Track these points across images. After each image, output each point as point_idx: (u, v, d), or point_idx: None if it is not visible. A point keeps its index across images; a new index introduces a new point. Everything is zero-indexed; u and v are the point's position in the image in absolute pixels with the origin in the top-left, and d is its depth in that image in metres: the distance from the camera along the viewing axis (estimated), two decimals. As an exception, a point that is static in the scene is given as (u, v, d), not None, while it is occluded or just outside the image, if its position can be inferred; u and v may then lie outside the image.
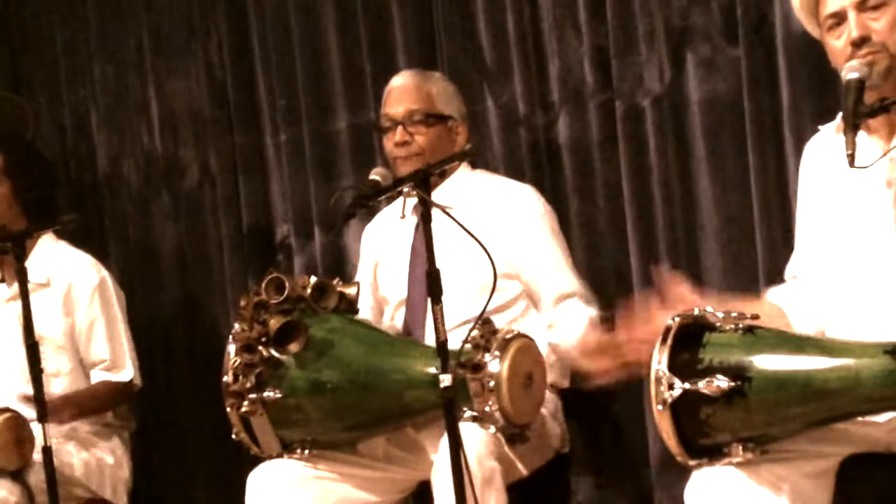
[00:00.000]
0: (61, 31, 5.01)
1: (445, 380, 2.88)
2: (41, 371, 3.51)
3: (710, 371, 2.61)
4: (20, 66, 5.15)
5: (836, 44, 2.81)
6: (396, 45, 4.17)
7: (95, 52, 4.92)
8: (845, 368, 2.56)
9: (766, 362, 2.61)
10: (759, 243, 3.53)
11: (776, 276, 3.25)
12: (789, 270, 3.10)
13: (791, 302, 3.00)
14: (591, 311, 3.54)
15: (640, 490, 3.79)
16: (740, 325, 2.67)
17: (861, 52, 2.74)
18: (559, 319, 3.51)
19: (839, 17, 2.78)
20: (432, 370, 3.15)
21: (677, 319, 2.68)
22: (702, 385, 2.60)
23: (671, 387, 2.61)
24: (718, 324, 2.69)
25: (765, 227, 3.51)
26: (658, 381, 2.62)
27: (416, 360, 3.27)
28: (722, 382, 2.58)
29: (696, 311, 2.71)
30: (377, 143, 3.96)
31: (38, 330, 3.60)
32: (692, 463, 2.68)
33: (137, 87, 4.82)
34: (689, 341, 2.66)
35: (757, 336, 2.66)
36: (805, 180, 3.04)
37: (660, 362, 2.63)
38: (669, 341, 2.64)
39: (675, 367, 2.62)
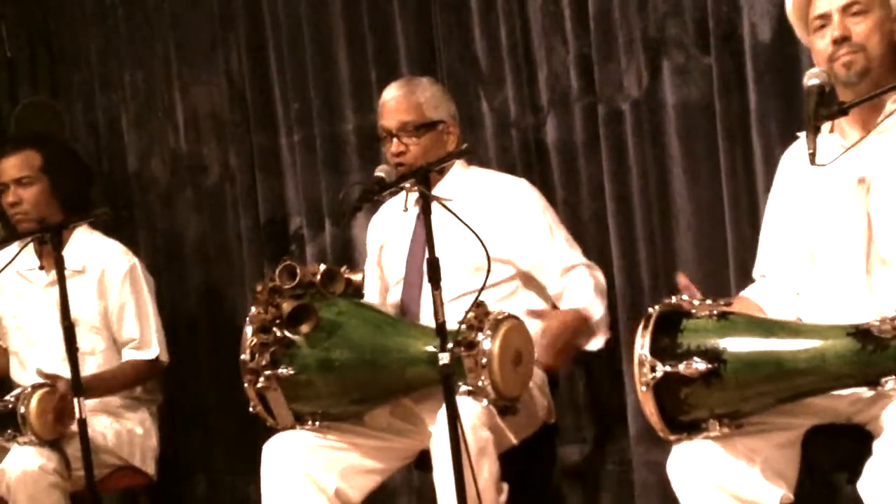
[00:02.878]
0: (95, 42, 5.00)
1: (444, 358, 2.87)
2: (76, 350, 3.50)
3: (688, 354, 2.61)
4: (58, 73, 5.15)
5: (821, 43, 2.81)
6: (399, 54, 4.16)
7: (126, 61, 4.92)
8: (812, 349, 2.56)
9: (740, 345, 2.61)
10: (728, 234, 3.52)
11: (745, 264, 3.25)
12: (757, 271, 3.09)
13: (765, 298, 2.99)
14: (596, 277, 3.51)
15: (619, 457, 3.79)
16: (714, 312, 2.66)
17: (842, 50, 2.76)
18: (566, 287, 3.48)
19: (825, 19, 2.80)
20: (431, 349, 3.15)
21: (657, 308, 2.68)
22: (681, 368, 2.59)
23: (653, 370, 2.61)
24: (694, 311, 2.68)
25: (734, 219, 3.50)
26: (641, 364, 2.62)
27: (417, 340, 3.25)
28: (700, 365, 2.58)
29: (674, 300, 2.71)
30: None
31: (75, 312, 3.59)
32: (672, 438, 2.68)
33: (164, 92, 4.81)
34: (668, 327, 2.65)
35: (730, 321, 2.66)
36: (780, 184, 3.03)
37: (642, 347, 2.63)
38: (651, 327, 2.64)
39: (656, 352, 2.62)
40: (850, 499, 3.34)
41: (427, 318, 3.30)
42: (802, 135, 2.95)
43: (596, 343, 3.46)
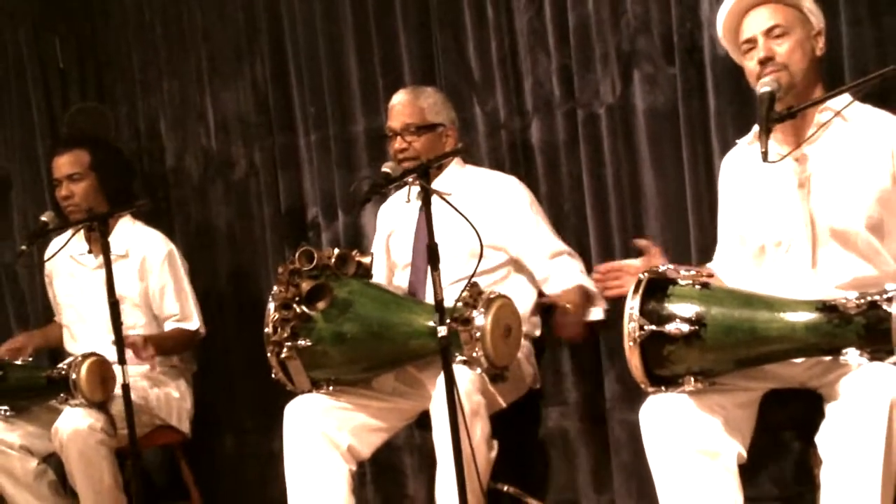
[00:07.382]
0: (137, 54, 4.99)
1: (443, 331, 2.88)
2: (121, 324, 3.53)
3: (673, 317, 2.61)
4: (104, 81, 5.13)
5: (750, 64, 2.87)
6: (403, 64, 4.15)
7: (164, 70, 4.90)
8: (784, 320, 2.57)
9: (719, 312, 2.61)
10: (691, 224, 3.52)
11: (705, 248, 3.26)
12: (714, 266, 3.10)
13: (725, 275, 3.00)
14: (579, 264, 3.53)
15: (596, 418, 3.79)
16: (697, 282, 2.67)
17: (767, 69, 2.80)
18: (553, 271, 3.49)
19: (752, 43, 2.85)
20: (431, 323, 3.16)
21: (647, 274, 2.69)
22: (667, 328, 2.60)
23: (641, 328, 2.61)
24: (679, 279, 2.68)
25: (696, 211, 3.50)
26: (631, 322, 2.62)
27: (419, 316, 3.26)
28: (683, 326, 2.59)
29: (661, 268, 2.72)
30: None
31: (119, 291, 3.62)
32: (651, 389, 2.69)
33: (197, 98, 4.80)
34: (656, 291, 2.66)
35: (711, 290, 2.67)
36: (725, 188, 3.05)
37: (632, 308, 2.63)
38: (641, 290, 2.65)
39: (644, 312, 2.62)
40: (798, 453, 3.38)
41: (431, 298, 3.31)
42: (739, 142, 3.01)
43: (596, 313, 3.45)
